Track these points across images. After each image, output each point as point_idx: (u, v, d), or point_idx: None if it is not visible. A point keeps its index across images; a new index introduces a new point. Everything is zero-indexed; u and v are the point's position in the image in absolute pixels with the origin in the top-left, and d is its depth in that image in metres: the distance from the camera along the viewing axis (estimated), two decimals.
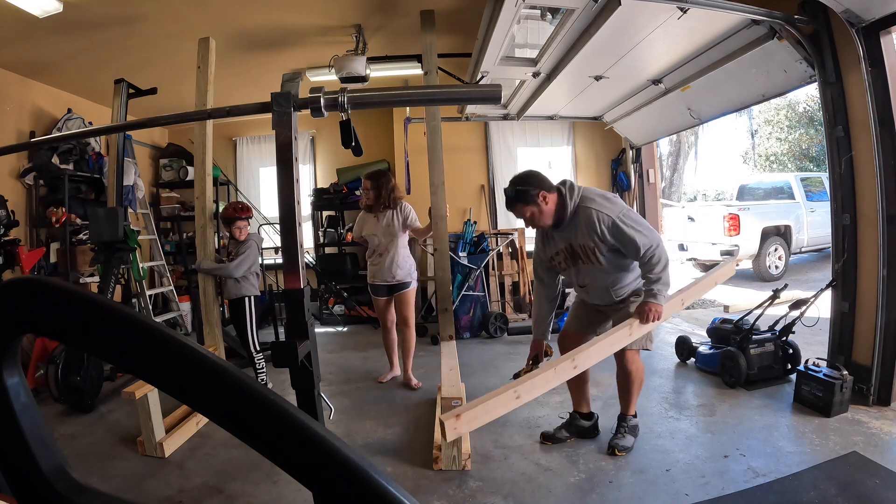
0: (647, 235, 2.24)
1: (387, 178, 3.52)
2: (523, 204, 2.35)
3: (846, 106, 2.89)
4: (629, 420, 2.56)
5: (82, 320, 0.32)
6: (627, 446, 2.48)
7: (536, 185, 2.32)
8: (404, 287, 3.52)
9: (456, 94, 2.06)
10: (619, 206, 2.32)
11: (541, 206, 2.33)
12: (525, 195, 2.33)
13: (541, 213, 2.35)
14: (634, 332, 2.34)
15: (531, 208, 2.34)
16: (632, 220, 2.27)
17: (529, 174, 2.41)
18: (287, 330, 1.72)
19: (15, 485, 0.34)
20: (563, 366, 2.25)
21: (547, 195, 2.32)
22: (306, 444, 0.30)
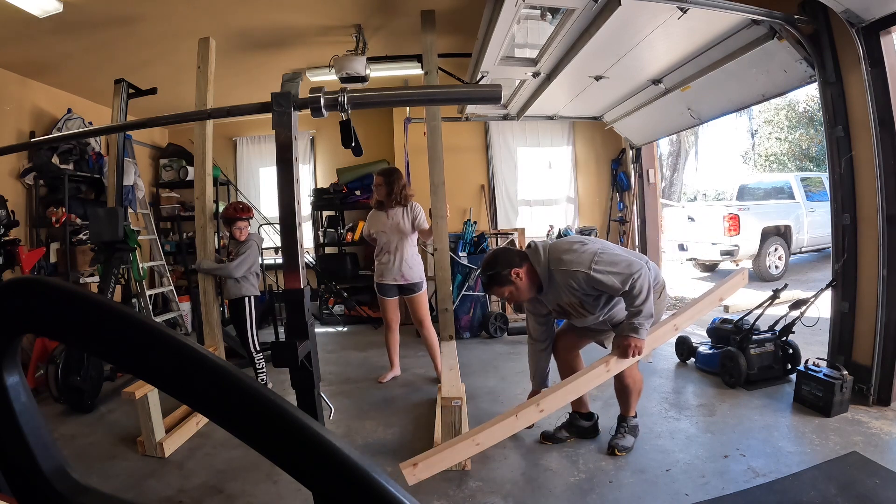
0: (622, 272, 2.17)
1: (398, 174, 3.53)
2: (499, 286, 2.32)
3: (846, 106, 2.89)
4: (629, 420, 2.56)
5: (82, 320, 0.32)
6: (627, 446, 2.48)
7: (505, 264, 2.29)
8: (416, 290, 3.52)
9: (456, 94, 2.07)
10: (587, 254, 2.23)
11: (516, 283, 2.29)
12: (498, 277, 2.29)
13: (518, 289, 2.31)
14: (612, 368, 2.29)
15: (508, 288, 2.31)
16: (604, 264, 2.19)
17: (496, 255, 2.38)
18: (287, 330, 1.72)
19: (15, 485, 0.34)
20: (527, 411, 2.19)
21: (519, 270, 2.28)
22: (306, 444, 0.30)
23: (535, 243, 2.34)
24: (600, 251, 2.23)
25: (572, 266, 2.21)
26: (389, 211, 3.48)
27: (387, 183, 3.46)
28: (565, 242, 2.34)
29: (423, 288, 3.53)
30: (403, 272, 3.46)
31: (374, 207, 3.61)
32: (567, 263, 2.23)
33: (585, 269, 2.19)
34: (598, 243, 2.33)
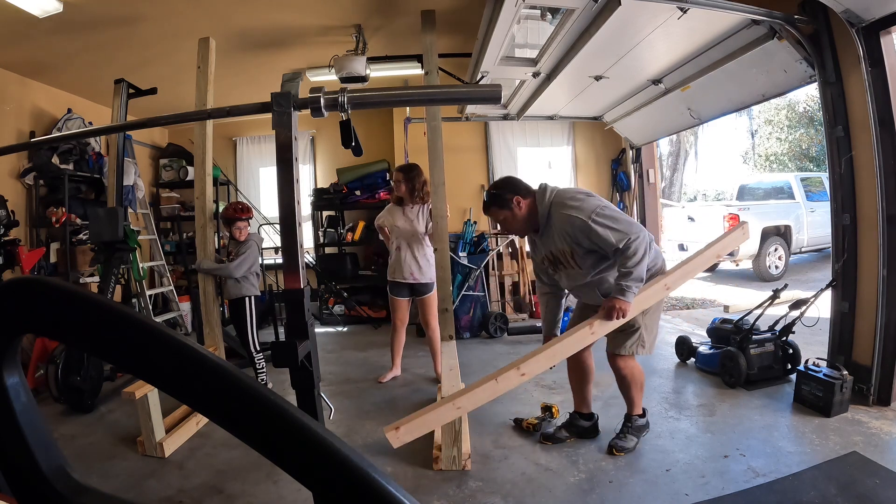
0: (621, 230, 2.14)
1: (418, 170, 3.52)
2: (497, 208, 2.33)
3: (846, 106, 2.89)
4: (634, 420, 2.53)
5: (82, 320, 0.32)
6: (627, 447, 2.47)
7: (511, 189, 2.30)
8: (427, 290, 3.52)
9: (456, 94, 2.07)
10: (591, 204, 2.21)
11: (514, 212, 2.29)
12: (499, 199, 2.30)
13: (514, 217, 2.32)
14: (597, 331, 2.26)
15: (504, 213, 2.32)
16: (605, 218, 2.16)
17: (507, 179, 2.40)
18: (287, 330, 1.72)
19: (15, 485, 0.34)
20: (507, 374, 2.19)
21: (521, 200, 2.29)
22: (306, 444, 0.30)
23: (546, 185, 2.33)
24: (605, 206, 2.23)
25: (573, 211, 2.20)
26: (407, 207, 3.48)
27: (407, 179, 3.45)
28: (573, 190, 2.34)
29: (434, 289, 3.54)
30: (414, 270, 3.46)
31: (392, 202, 3.60)
32: (569, 208, 2.22)
33: (585, 217, 2.17)
34: (606, 202, 2.29)
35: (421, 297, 3.55)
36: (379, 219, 3.68)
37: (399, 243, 3.49)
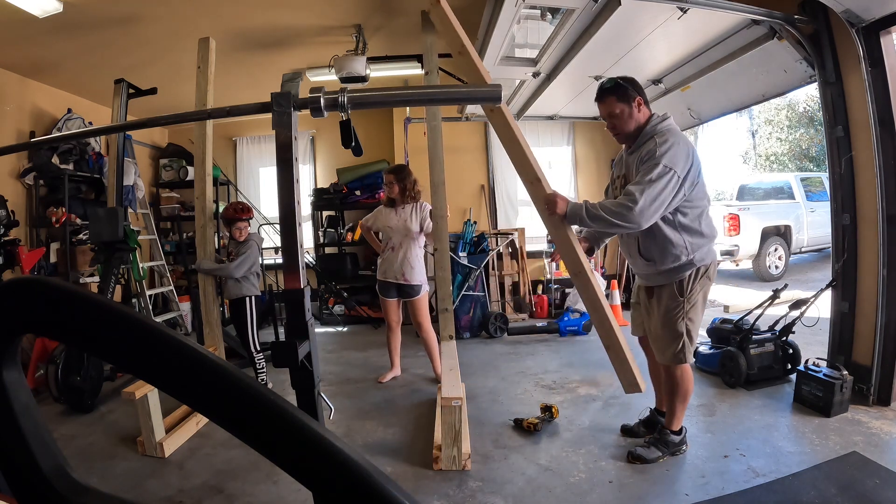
0: (642, 189, 1.99)
1: (408, 171, 3.56)
2: (618, 98, 2.19)
3: (846, 106, 2.89)
4: (666, 434, 2.39)
5: (82, 320, 0.32)
6: (646, 458, 2.34)
7: (637, 90, 2.23)
8: (415, 293, 3.51)
9: (456, 94, 2.06)
10: (673, 156, 2.04)
11: (632, 110, 2.20)
12: (625, 91, 2.20)
13: (629, 117, 2.20)
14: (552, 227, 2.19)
15: (622, 106, 2.19)
16: (659, 171, 2.01)
17: (634, 79, 2.28)
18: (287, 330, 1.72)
19: (15, 485, 0.34)
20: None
21: (642, 104, 2.21)
22: (306, 444, 0.30)
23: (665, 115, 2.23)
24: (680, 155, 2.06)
25: (663, 143, 2.08)
26: (399, 208, 3.49)
27: (398, 180, 3.47)
28: (678, 136, 2.15)
29: (422, 292, 3.53)
30: (405, 271, 3.46)
31: (384, 204, 3.61)
32: (664, 139, 2.10)
33: (662, 149, 2.05)
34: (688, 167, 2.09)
35: (409, 299, 3.54)
36: (367, 220, 3.68)
37: (393, 244, 3.50)
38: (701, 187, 2.17)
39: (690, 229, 2.18)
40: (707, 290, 2.28)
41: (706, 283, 2.25)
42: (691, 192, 2.12)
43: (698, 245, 2.19)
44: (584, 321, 4.71)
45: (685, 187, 2.08)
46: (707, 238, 2.22)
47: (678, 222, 2.17)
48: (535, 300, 5.76)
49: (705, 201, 2.22)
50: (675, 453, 2.40)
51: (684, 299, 2.22)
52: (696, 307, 2.24)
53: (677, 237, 2.17)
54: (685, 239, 2.17)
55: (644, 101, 2.23)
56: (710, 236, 2.23)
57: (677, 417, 2.40)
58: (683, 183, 2.07)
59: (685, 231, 2.17)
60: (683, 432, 2.44)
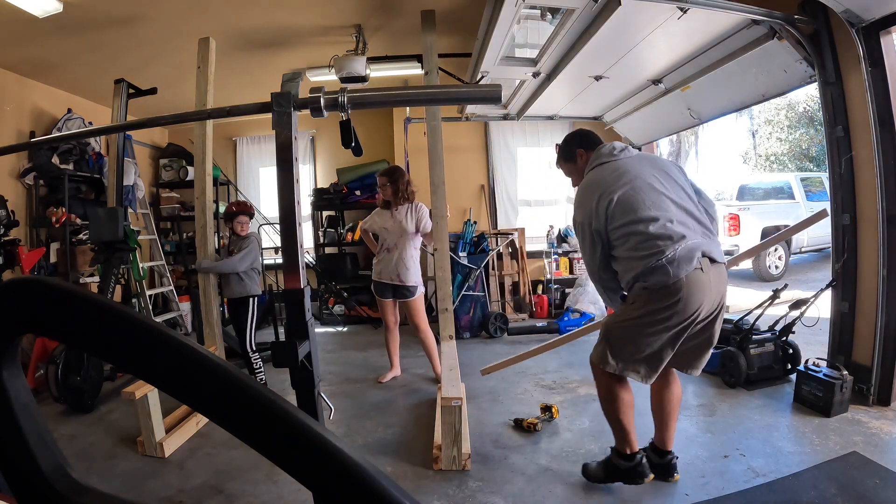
0: (575, 211, 2.11)
1: (401, 172, 3.58)
2: (564, 160, 2.33)
3: (846, 106, 2.89)
4: (612, 456, 2.19)
5: (82, 320, 0.32)
6: (589, 474, 2.24)
7: (577, 142, 2.27)
8: (410, 294, 3.51)
9: (456, 94, 2.06)
10: (579, 196, 2.10)
11: (577, 163, 2.27)
12: (567, 151, 2.29)
13: (576, 169, 2.28)
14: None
15: (569, 165, 2.31)
16: (574, 210, 2.11)
17: (579, 132, 2.34)
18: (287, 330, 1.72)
19: (15, 485, 0.34)
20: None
21: (583, 153, 2.24)
22: (306, 444, 0.30)
23: (602, 150, 2.17)
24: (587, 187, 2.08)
25: (583, 180, 2.15)
26: (394, 209, 3.49)
27: (391, 182, 3.49)
28: (610, 166, 2.08)
29: (418, 293, 3.53)
30: (399, 272, 3.46)
31: (379, 206, 3.62)
32: (586, 175, 2.15)
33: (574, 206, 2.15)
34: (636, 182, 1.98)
35: (404, 300, 3.54)
36: (365, 222, 3.70)
37: (389, 245, 3.50)
38: (622, 211, 1.96)
39: (624, 259, 2.00)
40: (654, 310, 1.92)
41: (649, 300, 1.93)
42: (613, 224, 1.98)
43: (631, 268, 1.96)
44: (585, 321, 4.71)
45: (596, 225, 1.99)
46: (639, 258, 1.93)
47: (613, 256, 2.06)
48: (535, 300, 5.76)
49: (628, 225, 1.95)
50: (631, 482, 2.12)
51: (625, 309, 2.06)
52: (634, 323, 1.97)
53: (619, 269, 2.05)
54: (621, 267, 2.03)
55: (585, 147, 2.25)
56: (643, 255, 1.92)
57: (616, 436, 2.14)
58: (591, 223, 2.01)
59: (621, 262, 2.02)
60: (637, 459, 2.11)
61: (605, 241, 2.02)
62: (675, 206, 1.98)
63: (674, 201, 1.99)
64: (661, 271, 1.87)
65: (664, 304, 1.89)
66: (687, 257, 1.88)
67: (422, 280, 3.60)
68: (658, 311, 1.90)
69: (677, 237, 1.89)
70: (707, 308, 1.94)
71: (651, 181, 2.01)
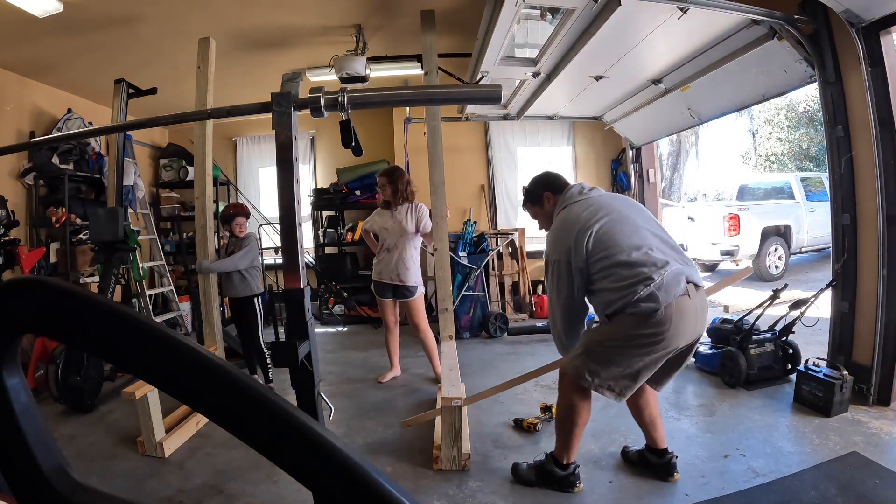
0: (546, 251, 2.13)
1: (400, 172, 3.58)
2: (530, 203, 2.36)
3: (846, 106, 2.89)
4: (548, 462, 2.20)
5: (82, 320, 0.32)
6: (520, 476, 2.26)
7: (544, 186, 2.30)
8: (410, 294, 3.51)
9: (456, 94, 2.05)
10: (554, 235, 2.11)
11: (544, 206, 2.29)
12: (533, 194, 2.32)
13: (542, 212, 2.31)
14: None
15: (535, 209, 2.34)
16: (547, 248, 2.13)
17: (545, 175, 2.35)
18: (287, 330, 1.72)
19: (15, 485, 0.34)
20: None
21: (550, 196, 2.27)
22: (306, 444, 0.30)
23: (572, 190, 2.19)
24: (559, 229, 2.10)
25: (555, 220, 2.17)
26: (394, 209, 3.49)
27: (391, 182, 3.49)
28: (581, 203, 2.10)
29: (417, 293, 3.54)
30: (399, 271, 3.46)
31: (380, 206, 3.63)
32: (558, 215, 2.17)
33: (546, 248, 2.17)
34: (613, 215, 2.01)
35: (404, 300, 3.54)
36: (367, 223, 3.70)
37: (389, 245, 3.50)
38: (603, 243, 1.96)
39: (607, 290, 1.98)
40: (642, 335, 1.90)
41: (637, 324, 1.91)
42: (594, 258, 1.97)
43: (617, 298, 1.94)
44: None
45: (576, 261, 1.98)
46: (626, 287, 1.91)
47: (595, 304, 2.07)
48: (535, 300, 5.76)
49: (611, 257, 1.95)
50: (561, 490, 2.15)
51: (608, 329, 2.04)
52: (618, 344, 1.95)
53: (600, 301, 2.04)
54: (604, 298, 2.00)
55: (553, 190, 2.27)
56: (631, 283, 1.91)
57: (559, 444, 2.17)
58: (570, 261, 1.99)
59: (604, 293, 2.00)
60: (570, 469, 2.16)
61: (586, 276, 2.00)
62: (652, 235, 2.01)
63: (651, 231, 2.03)
64: (650, 298, 1.88)
65: (652, 331, 1.89)
66: (675, 281, 1.91)
67: (422, 280, 3.60)
68: (645, 336, 1.90)
69: (661, 263, 1.92)
70: (691, 335, 1.97)
71: (627, 213, 2.06)
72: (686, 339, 1.95)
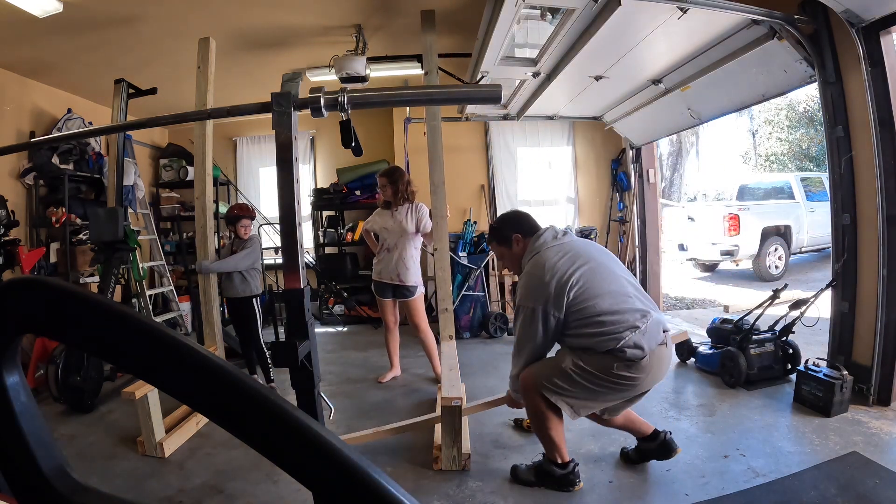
0: (519, 296, 2.09)
1: (400, 172, 3.58)
2: (497, 243, 2.31)
3: (846, 106, 2.89)
4: (547, 464, 2.21)
5: (82, 320, 0.32)
6: (520, 478, 2.26)
7: (514, 227, 2.24)
8: (409, 294, 3.51)
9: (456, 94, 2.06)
10: (529, 280, 2.07)
11: (512, 248, 2.25)
12: (500, 234, 2.28)
13: (510, 254, 2.26)
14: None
15: (502, 249, 2.30)
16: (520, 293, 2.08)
17: (514, 215, 2.35)
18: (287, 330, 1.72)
19: (15, 485, 0.34)
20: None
21: (520, 238, 2.22)
22: (306, 444, 0.30)
23: (546, 235, 2.18)
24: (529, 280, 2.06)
25: (525, 270, 2.16)
26: (394, 209, 3.50)
27: (391, 182, 3.49)
28: (556, 249, 2.10)
29: (417, 293, 3.53)
30: (399, 271, 3.46)
31: (380, 206, 3.63)
32: (523, 275, 2.15)
33: (524, 270, 2.14)
34: (591, 263, 2.04)
35: (404, 300, 3.54)
36: (367, 223, 3.70)
37: (389, 244, 3.50)
38: (584, 292, 1.98)
39: (587, 336, 2.00)
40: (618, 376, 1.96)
41: (616, 367, 1.96)
42: (576, 307, 1.98)
43: (600, 345, 1.98)
44: None
45: (555, 310, 1.98)
46: (611, 335, 1.96)
47: (569, 345, 2.07)
48: None
49: (593, 306, 1.98)
50: (561, 489, 2.16)
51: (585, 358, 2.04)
52: (590, 376, 1.98)
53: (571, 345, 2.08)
54: (579, 344, 2.03)
55: (523, 232, 2.23)
56: (618, 331, 1.96)
57: (547, 448, 2.19)
58: (547, 310, 1.99)
59: (582, 339, 2.02)
60: (570, 467, 2.17)
61: (562, 324, 2.01)
62: (629, 283, 2.08)
63: (627, 280, 2.09)
64: (637, 345, 1.94)
65: (634, 375, 1.97)
66: (656, 330, 2.01)
67: (422, 280, 3.60)
68: (626, 378, 1.97)
69: (643, 311, 2.00)
70: (660, 379, 2.09)
71: (603, 261, 2.10)
72: (655, 383, 2.07)
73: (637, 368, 1.96)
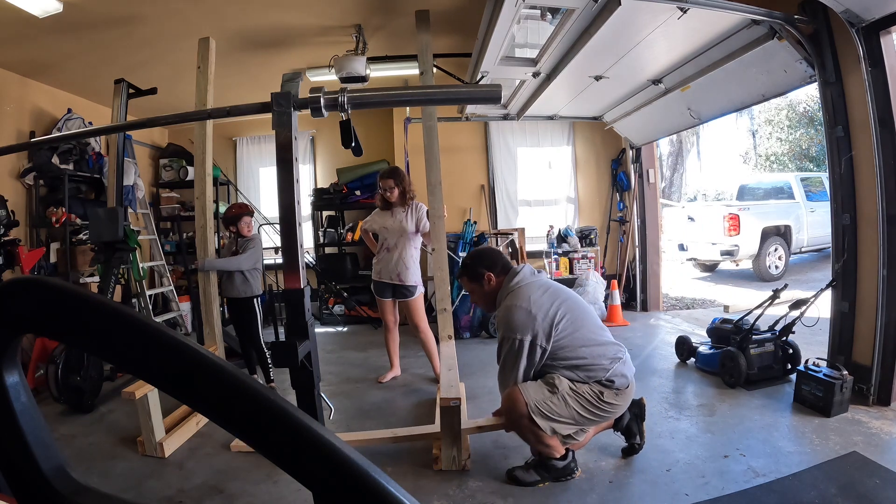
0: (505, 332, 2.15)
1: (403, 173, 3.59)
2: (468, 279, 2.35)
3: (846, 106, 2.89)
4: (547, 458, 2.24)
5: (82, 320, 0.32)
6: (522, 480, 2.24)
7: (486, 264, 2.29)
8: (409, 294, 3.51)
9: (456, 94, 2.06)
10: (515, 313, 2.13)
11: (483, 286, 2.30)
12: (472, 270, 2.32)
13: (482, 291, 2.32)
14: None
15: (474, 285, 2.34)
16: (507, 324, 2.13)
17: (488, 251, 2.43)
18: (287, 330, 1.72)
19: (15, 485, 0.34)
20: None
21: (492, 277, 2.28)
22: (306, 444, 0.30)
23: (524, 272, 2.27)
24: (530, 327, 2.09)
25: (501, 311, 2.22)
26: (394, 209, 3.49)
27: (397, 184, 3.48)
28: (536, 285, 2.21)
29: (417, 293, 3.53)
30: (399, 271, 3.46)
31: (379, 206, 3.62)
32: (503, 307, 2.20)
33: (506, 303, 2.18)
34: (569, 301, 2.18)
35: (404, 299, 3.54)
36: (366, 223, 3.69)
37: (389, 244, 3.50)
38: (569, 325, 2.13)
39: (564, 369, 2.15)
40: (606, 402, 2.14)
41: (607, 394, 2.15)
42: (562, 341, 2.12)
43: (587, 375, 2.15)
44: None
45: (543, 342, 2.11)
46: (600, 366, 2.15)
47: (560, 373, 2.17)
48: None
49: (578, 338, 2.15)
50: (561, 479, 2.23)
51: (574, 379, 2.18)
52: (577, 396, 2.12)
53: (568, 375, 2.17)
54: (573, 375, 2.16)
55: (496, 271, 2.29)
56: (608, 361, 2.16)
57: (542, 454, 2.25)
58: (535, 341, 2.10)
59: (560, 370, 2.16)
60: (569, 457, 2.26)
61: (547, 354, 2.14)
62: (598, 318, 2.31)
63: (595, 315, 2.31)
64: (622, 374, 2.17)
65: (618, 402, 2.18)
66: (630, 362, 2.25)
67: (421, 280, 3.60)
68: (612, 405, 2.17)
69: (618, 345, 2.23)
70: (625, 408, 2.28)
71: (575, 298, 2.28)
72: (624, 410, 2.27)
73: (622, 396, 2.18)
